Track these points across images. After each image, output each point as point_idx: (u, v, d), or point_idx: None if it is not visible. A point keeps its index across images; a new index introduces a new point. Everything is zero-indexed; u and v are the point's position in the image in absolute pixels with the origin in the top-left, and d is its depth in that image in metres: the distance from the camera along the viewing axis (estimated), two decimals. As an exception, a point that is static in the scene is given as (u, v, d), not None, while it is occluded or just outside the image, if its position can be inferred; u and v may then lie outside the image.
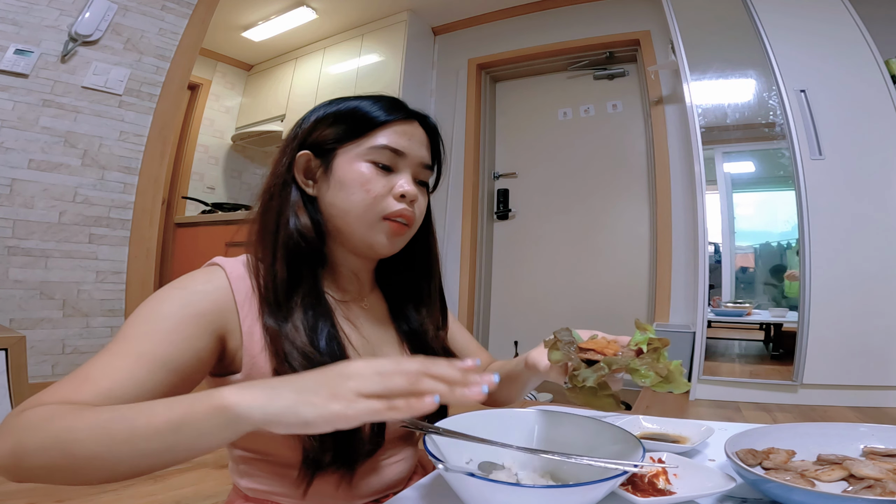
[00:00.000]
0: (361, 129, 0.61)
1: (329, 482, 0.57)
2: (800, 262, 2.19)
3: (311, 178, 0.63)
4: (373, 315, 0.68)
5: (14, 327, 2.10)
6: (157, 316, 0.51)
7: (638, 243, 3.02)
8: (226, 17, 3.27)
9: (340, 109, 0.63)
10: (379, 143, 0.61)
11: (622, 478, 0.41)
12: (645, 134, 3.06)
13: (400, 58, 3.29)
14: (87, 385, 0.45)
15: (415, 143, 0.63)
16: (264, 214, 0.62)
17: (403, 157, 0.62)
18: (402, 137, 0.62)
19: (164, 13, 2.51)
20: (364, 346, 0.63)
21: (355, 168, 0.60)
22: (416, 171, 0.64)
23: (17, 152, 2.14)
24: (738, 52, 2.43)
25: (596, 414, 0.68)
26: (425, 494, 0.50)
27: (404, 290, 0.71)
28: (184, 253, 3.40)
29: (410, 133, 0.63)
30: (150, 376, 0.47)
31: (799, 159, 2.20)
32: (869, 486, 0.45)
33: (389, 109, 0.62)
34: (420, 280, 0.71)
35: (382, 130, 0.61)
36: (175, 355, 0.50)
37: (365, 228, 0.61)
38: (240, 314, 0.55)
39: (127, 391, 0.45)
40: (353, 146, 0.61)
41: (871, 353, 2.09)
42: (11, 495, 1.33)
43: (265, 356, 0.55)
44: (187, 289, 0.54)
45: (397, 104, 0.64)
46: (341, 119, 0.62)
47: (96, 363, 0.47)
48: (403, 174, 0.62)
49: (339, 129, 0.62)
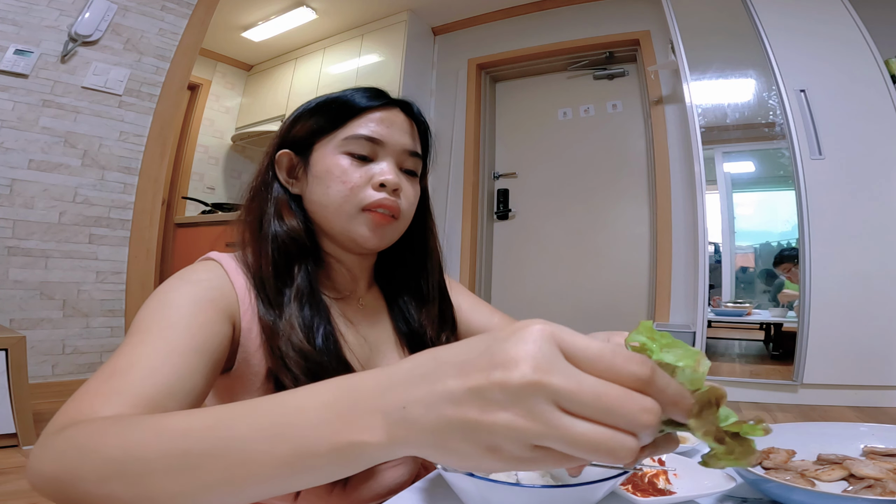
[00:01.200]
0: (338, 121, 0.59)
1: (322, 486, 0.54)
2: (800, 262, 2.19)
3: (293, 177, 0.62)
4: (370, 313, 0.67)
5: (14, 327, 2.10)
6: (172, 305, 0.48)
7: (638, 243, 3.01)
8: (226, 17, 3.27)
9: (318, 102, 0.61)
10: (355, 132, 0.58)
11: (622, 478, 0.41)
12: (645, 134, 3.05)
13: (400, 58, 3.29)
14: (122, 382, 0.41)
15: (395, 131, 0.60)
16: (247, 216, 0.61)
17: (382, 146, 0.59)
18: (381, 125, 0.59)
19: (164, 13, 2.51)
20: (360, 346, 0.62)
21: (331, 161, 0.58)
22: (400, 159, 0.61)
23: (17, 152, 2.14)
24: (738, 52, 2.43)
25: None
26: (425, 494, 0.50)
27: (402, 287, 0.69)
28: (184, 253, 3.39)
29: (390, 120, 0.60)
30: (185, 364, 0.44)
31: (799, 159, 2.20)
32: (869, 486, 0.45)
33: (367, 98, 0.60)
34: (418, 277, 0.68)
35: (359, 119, 0.59)
36: (202, 340, 0.47)
37: (345, 221, 0.58)
38: (240, 307, 0.54)
39: (168, 384, 0.42)
40: (330, 139, 0.59)
41: (871, 353, 2.09)
42: (12, 495, 1.33)
43: (261, 354, 0.54)
44: (193, 279, 0.53)
45: (377, 93, 0.61)
46: (318, 111, 0.60)
47: (123, 359, 0.43)
48: (383, 163, 0.59)
49: (315, 123, 0.60)
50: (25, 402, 1.66)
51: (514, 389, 0.22)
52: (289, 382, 0.52)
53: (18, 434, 1.62)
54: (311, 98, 0.64)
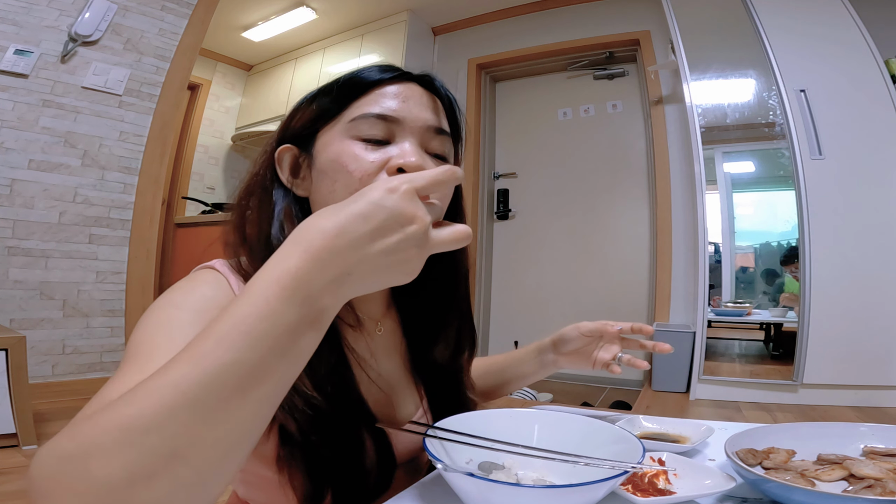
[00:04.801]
0: (344, 100, 0.50)
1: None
2: (800, 262, 2.19)
3: (298, 177, 0.52)
4: (388, 342, 0.58)
5: (14, 327, 2.10)
6: (171, 325, 0.42)
7: (638, 243, 3.02)
8: (226, 17, 3.27)
9: (322, 86, 0.52)
10: (364, 111, 0.48)
11: (622, 478, 0.41)
12: (645, 134, 3.06)
13: (400, 58, 3.29)
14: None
15: (413, 105, 0.49)
16: (240, 225, 0.52)
17: (399, 124, 0.49)
18: (396, 100, 0.49)
19: (164, 13, 2.51)
20: (379, 380, 0.55)
21: (338, 147, 0.48)
22: (425, 138, 0.50)
23: (17, 152, 2.14)
24: (738, 52, 2.43)
25: (596, 413, 0.68)
26: (425, 494, 0.50)
27: (423, 311, 0.59)
28: (184, 253, 3.39)
29: (406, 94, 0.50)
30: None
31: (799, 159, 2.20)
32: (869, 486, 0.45)
33: (377, 71, 0.50)
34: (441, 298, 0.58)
35: (369, 95, 0.49)
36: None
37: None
38: None
39: None
40: (335, 123, 0.49)
41: (871, 353, 2.09)
42: (12, 495, 1.33)
43: None
44: (194, 292, 0.47)
45: (388, 66, 0.51)
46: (320, 93, 0.52)
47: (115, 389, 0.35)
48: (404, 142, 0.48)
49: (318, 107, 0.51)
50: (25, 402, 1.66)
51: (420, 232, 0.33)
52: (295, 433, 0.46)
53: (18, 434, 1.62)
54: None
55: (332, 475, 0.47)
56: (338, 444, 0.47)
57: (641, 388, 2.67)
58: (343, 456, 0.47)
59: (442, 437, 0.49)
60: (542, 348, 0.73)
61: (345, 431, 0.48)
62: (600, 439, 0.51)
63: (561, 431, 0.55)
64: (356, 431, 0.49)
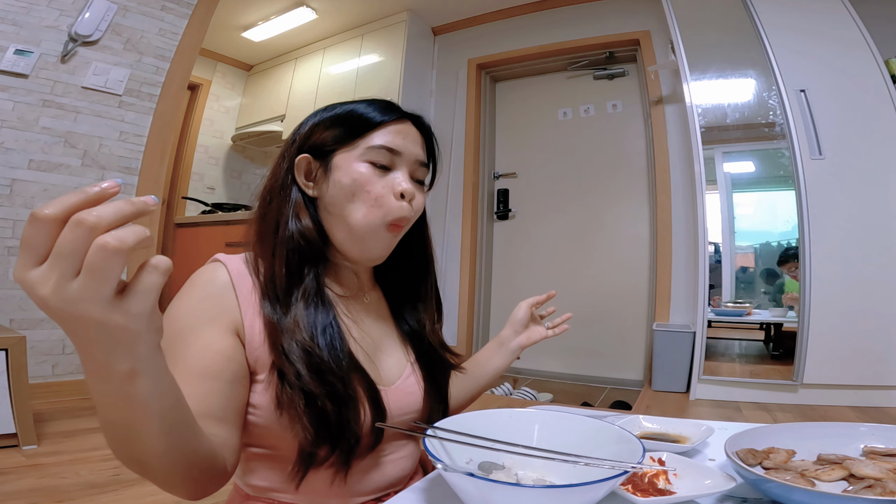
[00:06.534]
0: (358, 131, 0.64)
1: (323, 478, 0.57)
2: (800, 261, 2.19)
3: (311, 181, 0.65)
4: (374, 311, 0.71)
5: (14, 327, 2.10)
6: (169, 334, 0.50)
7: (638, 243, 3.02)
8: (226, 17, 3.27)
9: (337, 113, 0.65)
10: (376, 143, 0.63)
11: (622, 478, 0.41)
12: (645, 134, 3.05)
13: (400, 58, 3.29)
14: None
15: (409, 142, 0.65)
16: (264, 216, 0.64)
17: (399, 156, 0.64)
18: (397, 136, 0.64)
19: (164, 13, 2.51)
20: (365, 341, 0.65)
21: (354, 168, 0.62)
22: (413, 168, 0.66)
23: (17, 152, 2.14)
24: (738, 52, 2.43)
25: (596, 413, 0.68)
26: (425, 494, 0.50)
27: (403, 288, 0.74)
28: (184, 253, 3.39)
29: (405, 132, 0.65)
30: (194, 391, 0.49)
31: (799, 159, 2.20)
32: (869, 486, 0.45)
33: (384, 111, 0.65)
34: (417, 279, 0.74)
35: (378, 131, 0.64)
36: (205, 364, 0.52)
37: (366, 232, 0.62)
38: (241, 309, 0.57)
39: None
40: (351, 147, 0.63)
41: (871, 353, 2.09)
42: (12, 495, 1.33)
43: (265, 349, 0.57)
44: (192, 297, 0.57)
45: (391, 106, 0.66)
46: (338, 122, 0.65)
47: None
48: (400, 171, 0.64)
49: (336, 132, 0.64)
50: (25, 402, 1.66)
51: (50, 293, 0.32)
52: (291, 376, 0.55)
53: (18, 434, 1.62)
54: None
55: (328, 421, 0.54)
56: (332, 392, 0.55)
57: (641, 388, 2.67)
58: (337, 403, 0.55)
59: (442, 437, 0.49)
60: (501, 339, 0.85)
61: (338, 378, 0.56)
62: (600, 439, 0.51)
63: (561, 431, 0.55)
64: (348, 381, 0.57)
